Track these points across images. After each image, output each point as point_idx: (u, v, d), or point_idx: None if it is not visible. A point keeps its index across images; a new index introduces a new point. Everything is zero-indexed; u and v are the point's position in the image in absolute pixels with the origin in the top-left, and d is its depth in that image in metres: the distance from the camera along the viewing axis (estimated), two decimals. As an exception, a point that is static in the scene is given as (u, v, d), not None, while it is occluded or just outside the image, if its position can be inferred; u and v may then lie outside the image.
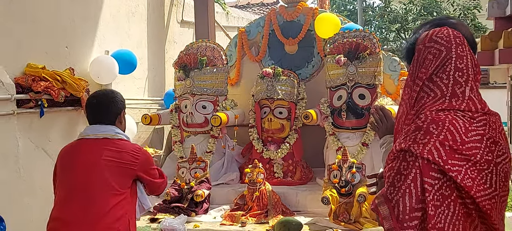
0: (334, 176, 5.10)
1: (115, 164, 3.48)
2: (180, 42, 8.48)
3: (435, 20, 2.47)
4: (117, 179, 3.46)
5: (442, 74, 2.09)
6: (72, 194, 3.45)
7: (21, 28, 5.06)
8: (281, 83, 6.09)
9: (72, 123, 5.76)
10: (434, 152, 1.93)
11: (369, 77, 5.71)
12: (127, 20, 7.05)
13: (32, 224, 5.11)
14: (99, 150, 3.50)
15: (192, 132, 6.32)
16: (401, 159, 2.00)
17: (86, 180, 3.43)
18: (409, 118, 2.11)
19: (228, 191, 5.87)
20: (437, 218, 1.91)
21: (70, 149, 3.69)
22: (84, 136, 3.64)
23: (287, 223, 4.66)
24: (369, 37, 5.82)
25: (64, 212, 3.43)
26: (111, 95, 3.76)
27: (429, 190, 1.91)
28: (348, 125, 5.76)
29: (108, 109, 3.67)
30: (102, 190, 3.40)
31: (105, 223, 3.34)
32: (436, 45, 2.14)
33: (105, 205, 3.37)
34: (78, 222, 3.35)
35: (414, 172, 1.94)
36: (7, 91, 4.71)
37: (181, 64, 6.35)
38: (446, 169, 1.91)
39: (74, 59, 5.82)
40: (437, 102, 2.06)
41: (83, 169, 3.47)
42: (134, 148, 3.62)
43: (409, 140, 2.00)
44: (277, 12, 6.93)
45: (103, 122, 3.64)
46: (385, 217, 1.99)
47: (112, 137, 3.58)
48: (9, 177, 4.79)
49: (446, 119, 1.99)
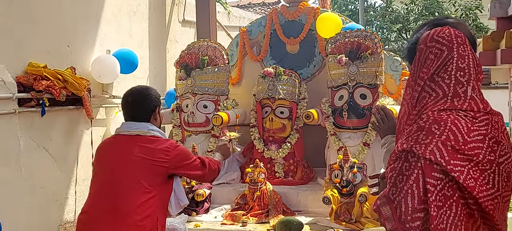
0: (335, 176, 5.10)
1: (145, 160, 3.47)
2: (182, 41, 8.48)
3: (434, 20, 2.47)
4: (146, 176, 3.45)
5: (444, 74, 2.09)
6: (102, 189, 3.48)
7: (23, 27, 5.06)
8: (283, 83, 6.09)
9: (73, 122, 5.76)
10: (436, 152, 1.93)
11: (370, 77, 5.71)
12: (129, 19, 7.05)
13: (33, 223, 5.12)
14: (131, 146, 3.51)
15: (193, 131, 6.32)
16: (403, 159, 1.99)
17: (116, 176, 3.45)
18: (411, 118, 2.11)
19: (229, 190, 5.87)
20: (439, 218, 1.90)
21: (106, 145, 3.74)
22: (119, 132, 3.67)
23: (288, 222, 4.66)
24: (371, 37, 5.82)
25: (93, 206, 3.46)
26: (145, 92, 3.75)
27: (432, 191, 1.91)
28: (350, 125, 5.75)
29: (142, 106, 3.68)
30: (131, 187, 3.41)
31: (132, 220, 3.34)
32: (438, 45, 2.13)
33: (133, 202, 3.37)
34: (105, 218, 3.36)
35: (416, 173, 1.94)
36: (8, 90, 4.71)
37: (182, 64, 6.35)
38: (449, 169, 1.91)
39: (75, 59, 5.82)
40: (439, 102, 2.05)
41: (114, 165, 3.50)
42: (167, 145, 3.60)
43: (411, 140, 1.99)
44: (279, 12, 6.93)
45: (138, 119, 3.65)
46: (387, 217, 1.99)
47: (144, 133, 3.58)
48: (10, 176, 4.79)
49: (448, 119, 1.99)
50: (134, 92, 3.75)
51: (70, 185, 5.71)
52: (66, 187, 5.64)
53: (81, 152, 5.90)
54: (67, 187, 5.66)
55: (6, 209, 4.69)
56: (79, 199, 5.82)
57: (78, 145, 5.86)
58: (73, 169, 5.76)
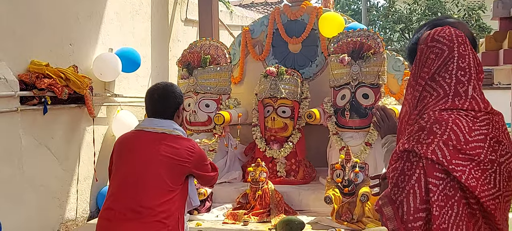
0: (337, 175, 5.09)
1: (170, 160, 3.46)
2: (184, 40, 8.49)
3: (435, 20, 2.46)
4: (171, 175, 3.44)
5: (445, 73, 2.08)
6: (125, 186, 3.44)
7: (25, 25, 5.07)
8: (285, 82, 6.08)
9: (75, 120, 5.77)
10: (438, 152, 1.92)
11: (373, 77, 5.70)
12: (131, 18, 7.06)
13: (34, 222, 5.13)
14: (157, 145, 3.49)
15: (195, 130, 6.31)
16: (405, 159, 1.98)
17: (141, 173, 3.42)
18: (412, 117, 2.10)
19: (231, 189, 5.87)
20: (441, 218, 1.89)
21: (128, 140, 3.67)
22: (143, 128, 3.63)
23: (290, 222, 4.65)
24: (373, 36, 5.81)
25: (116, 203, 3.42)
26: (171, 88, 3.71)
27: (434, 191, 1.90)
28: (352, 125, 5.74)
29: (168, 103, 3.65)
30: (155, 185, 3.39)
31: (156, 218, 3.33)
32: (438, 45, 2.13)
33: (157, 200, 3.36)
34: (130, 215, 3.33)
35: (418, 172, 1.93)
36: (10, 88, 4.72)
37: (184, 63, 6.36)
38: (450, 169, 1.90)
39: (77, 57, 5.83)
40: (440, 101, 2.05)
41: (139, 162, 3.47)
42: (189, 145, 3.58)
43: (413, 140, 1.99)
44: (281, 11, 6.92)
45: (162, 116, 3.62)
46: (389, 218, 1.98)
47: (170, 132, 3.55)
48: (12, 174, 4.81)
49: (450, 119, 1.98)
50: (159, 89, 3.71)
51: (72, 184, 5.72)
52: (67, 186, 5.65)
53: (83, 151, 5.91)
54: (69, 186, 5.67)
55: (7, 207, 4.71)
56: (81, 197, 5.84)
57: (80, 143, 5.87)
58: (74, 168, 5.77)
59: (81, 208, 5.86)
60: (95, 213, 6.04)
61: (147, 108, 3.73)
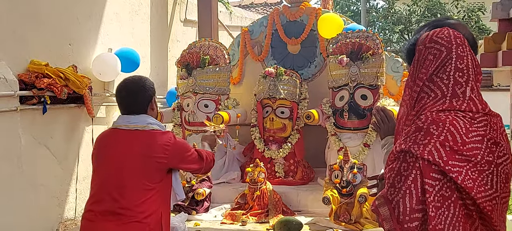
0: (335, 176, 5.09)
1: (146, 158, 3.38)
2: (183, 41, 8.50)
3: (434, 21, 2.47)
4: (148, 173, 3.37)
5: (443, 74, 2.09)
6: (104, 187, 3.37)
7: (25, 25, 5.08)
8: (284, 83, 6.09)
9: (74, 120, 5.78)
10: (435, 152, 1.93)
11: (371, 78, 5.71)
12: (131, 19, 7.07)
13: (34, 221, 5.14)
14: (130, 143, 3.41)
15: (194, 131, 6.31)
16: (402, 160, 1.99)
17: (117, 174, 3.35)
18: (409, 118, 2.11)
19: (229, 190, 5.87)
20: (437, 219, 1.90)
21: (104, 139, 3.60)
22: (117, 125, 3.53)
23: (288, 222, 4.66)
24: (372, 37, 5.82)
25: (96, 205, 3.36)
26: (139, 83, 3.59)
27: (430, 191, 1.91)
28: (350, 126, 5.75)
29: (138, 98, 3.52)
30: (132, 186, 3.33)
31: (136, 219, 3.28)
32: (437, 46, 2.13)
33: (135, 200, 3.30)
34: (109, 217, 3.29)
35: (415, 173, 1.94)
36: (10, 88, 4.73)
37: (183, 63, 6.36)
38: (447, 170, 1.91)
39: (77, 57, 5.84)
40: (438, 102, 2.06)
41: (114, 162, 3.39)
42: (165, 139, 3.47)
43: (410, 140, 1.99)
44: (280, 12, 6.92)
45: (135, 111, 3.51)
46: (386, 218, 1.99)
47: (143, 128, 3.45)
48: (12, 173, 4.81)
49: (447, 120, 1.99)
50: (127, 85, 3.59)
51: (71, 183, 5.73)
52: (66, 185, 5.66)
53: (82, 150, 5.92)
54: (68, 185, 5.68)
55: (7, 206, 4.71)
56: (80, 197, 5.84)
57: (79, 143, 5.88)
58: (74, 167, 5.77)
59: (80, 207, 5.85)
60: (84, 208, 6.06)
61: (119, 105, 3.61)
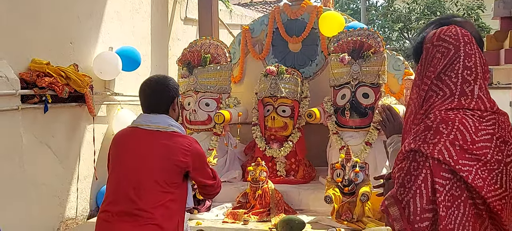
0: (337, 175, 5.09)
1: (165, 159, 3.30)
2: (184, 39, 8.48)
3: (440, 19, 2.45)
4: (166, 175, 3.29)
5: (451, 72, 2.07)
6: (121, 188, 3.30)
7: (26, 24, 5.06)
8: (285, 82, 6.08)
9: (75, 119, 5.76)
10: (445, 151, 1.91)
11: (373, 76, 5.71)
12: (131, 17, 7.05)
13: (35, 220, 5.12)
14: (151, 144, 3.34)
15: (195, 129, 6.31)
16: (411, 159, 1.97)
17: (136, 175, 3.27)
18: (418, 117, 2.09)
19: (231, 188, 5.86)
20: (448, 219, 1.88)
21: (123, 138, 3.52)
22: (138, 124, 3.46)
23: (290, 221, 4.66)
24: (374, 36, 5.82)
25: (113, 206, 3.28)
26: (164, 82, 3.52)
27: (440, 191, 1.89)
28: (352, 124, 5.75)
29: (161, 97, 3.46)
30: (150, 187, 3.25)
31: (153, 222, 3.19)
32: (445, 44, 2.12)
33: (153, 202, 3.22)
34: (127, 218, 3.21)
35: (425, 172, 1.92)
36: (11, 87, 4.71)
37: (184, 62, 6.35)
38: (457, 169, 1.89)
39: (78, 55, 5.82)
40: (446, 101, 2.04)
41: (133, 163, 3.32)
42: (186, 142, 3.39)
43: (419, 140, 1.97)
44: (281, 10, 6.92)
45: (157, 111, 3.45)
46: (396, 218, 1.97)
47: (164, 129, 3.38)
48: (13, 172, 4.80)
49: (456, 118, 1.97)
50: (152, 83, 3.53)
51: (72, 182, 5.71)
52: (68, 184, 5.64)
53: (83, 149, 5.90)
54: (69, 184, 5.67)
55: (8, 205, 4.70)
56: (81, 196, 5.83)
57: (80, 142, 5.86)
58: (75, 166, 5.76)
59: (81, 206, 5.85)
60: (95, 212, 6.03)
61: (141, 104, 3.56)
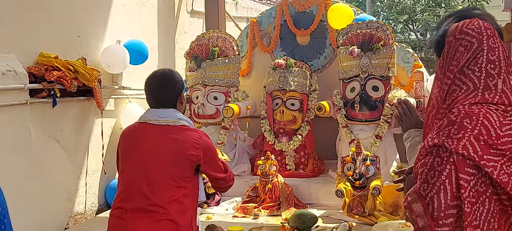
0: (348, 169, 5.04)
1: (176, 153, 3.30)
2: (190, 32, 8.45)
3: (460, 12, 2.42)
4: (178, 169, 3.29)
5: (474, 66, 2.03)
6: (134, 184, 3.29)
7: (33, 17, 5.04)
8: (294, 75, 6.04)
9: (84, 113, 5.75)
10: (469, 147, 1.88)
11: (382, 69, 5.65)
12: (138, 10, 7.02)
13: (43, 215, 5.11)
14: (161, 139, 3.33)
15: (203, 123, 6.28)
16: (435, 154, 1.94)
17: (148, 170, 3.27)
18: (440, 112, 2.06)
19: (240, 183, 5.80)
20: (473, 215, 1.85)
21: (132, 133, 3.51)
22: (146, 120, 3.45)
23: (302, 216, 4.62)
24: (383, 28, 5.77)
25: (126, 202, 3.27)
26: (170, 75, 3.53)
27: (465, 187, 1.86)
28: (361, 117, 5.70)
29: (168, 91, 3.46)
30: (163, 182, 3.25)
31: (168, 217, 3.20)
32: (467, 37, 2.08)
33: (167, 197, 3.22)
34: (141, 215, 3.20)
35: (449, 168, 1.88)
36: (20, 81, 4.69)
37: (192, 55, 6.31)
38: (482, 164, 1.86)
39: (85, 49, 5.80)
40: (470, 95, 2.00)
41: (144, 158, 3.31)
42: (196, 135, 3.39)
43: (443, 135, 1.94)
44: (289, 3, 6.86)
45: (164, 105, 3.45)
46: (419, 214, 1.93)
47: (173, 123, 3.38)
48: (22, 167, 4.79)
49: (480, 113, 1.94)
50: (158, 77, 3.53)
51: (81, 177, 5.70)
52: (76, 179, 5.63)
53: (92, 144, 5.89)
54: (78, 179, 5.66)
55: (16, 200, 4.66)
56: (89, 190, 5.82)
57: (88, 136, 5.85)
58: (83, 161, 5.75)
59: (90, 201, 5.83)
60: (104, 207, 6.02)
61: (147, 99, 3.56)
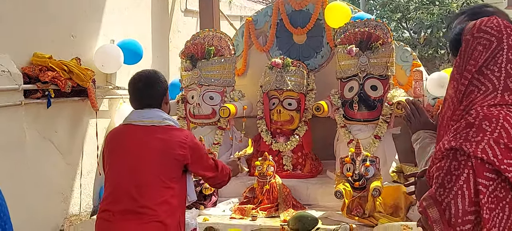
0: (347, 169, 4.98)
1: (163, 154, 3.28)
2: (184, 31, 8.39)
3: (472, 9, 2.35)
4: (166, 170, 3.27)
5: (493, 66, 1.95)
6: (120, 185, 3.26)
7: (27, 17, 4.97)
8: (291, 74, 5.97)
9: (78, 114, 5.69)
10: (489, 150, 1.79)
11: (381, 68, 5.59)
12: (132, 9, 6.94)
13: (38, 216, 5.05)
14: (147, 139, 3.30)
15: (199, 123, 6.21)
16: (451, 158, 1.85)
17: (135, 171, 3.24)
18: (457, 113, 1.97)
19: (236, 183, 5.73)
20: (492, 221, 1.77)
21: (117, 135, 3.49)
22: (131, 122, 3.42)
23: (303, 218, 4.56)
24: (381, 26, 5.71)
25: (114, 204, 3.24)
26: (155, 76, 3.50)
27: (484, 192, 1.77)
28: (360, 117, 5.64)
29: (154, 92, 3.44)
30: (151, 183, 3.22)
31: (157, 219, 3.17)
32: (486, 36, 1.99)
33: (155, 199, 3.19)
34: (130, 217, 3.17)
35: (467, 172, 1.80)
36: (14, 82, 4.62)
37: (188, 54, 6.22)
38: (502, 169, 1.77)
39: (80, 49, 5.72)
40: (489, 96, 1.91)
41: (131, 159, 3.28)
42: (182, 135, 3.38)
43: (460, 137, 1.85)
44: (285, 1, 6.78)
45: (150, 106, 3.42)
46: (435, 220, 1.85)
47: (159, 123, 3.36)
48: (17, 168, 4.73)
49: (500, 115, 1.85)
50: (142, 78, 3.48)
51: (76, 178, 5.64)
52: (71, 180, 5.58)
53: (86, 144, 5.84)
54: (72, 180, 5.60)
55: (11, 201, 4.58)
56: (84, 191, 5.75)
57: (83, 137, 5.79)
58: (78, 162, 5.69)
59: (84, 202, 5.77)
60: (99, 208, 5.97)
61: (132, 100, 3.52)
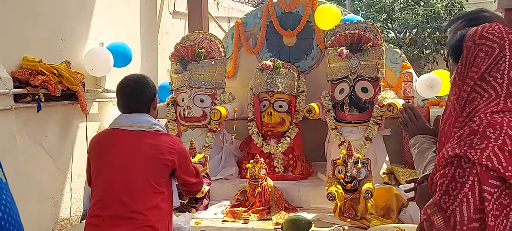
0: (339, 172, 4.98)
1: (153, 159, 3.25)
2: (173, 33, 8.35)
3: (469, 14, 2.35)
4: (155, 175, 3.24)
5: (496, 73, 1.94)
6: (111, 191, 3.21)
7: (17, 21, 4.92)
8: (281, 76, 5.97)
9: (68, 117, 5.65)
10: (493, 158, 1.79)
11: (372, 70, 5.62)
12: (121, 12, 6.90)
13: (29, 221, 4.98)
14: (136, 144, 3.27)
15: (190, 126, 6.20)
16: (456, 165, 1.85)
17: (125, 176, 3.20)
18: (460, 120, 1.96)
19: (228, 186, 5.75)
20: (496, 229, 1.78)
21: (105, 140, 3.43)
22: (119, 126, 3.37)
23: (297, 221, 4.54)
24: (371, 29, 5.73)
25: (104, 210, 3.19)
26: (144, 80, 3.46)
27: (489, 199, 1.77)
28: (351, 119, 5.66)
29: (143, 96, 3.40)
30: (141, 188, 3.20)
31: (148, 223, 3.15)
32: (488, 42, 1.99)
33: (146, 203, 3.17)
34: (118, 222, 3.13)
35: (472, 180, 1.79)
36: (4, 86, 4.57)
37: (178, 57, 6.21)
38: (507, 176, 1.77)
39: (69, 52, 5.68)
40: (491, 103, 1.91)
41: (121, 164, 3.24)
42: (170, 141, 3.36)
43: (464, 145, 1.85)
44: (275, 3, 6.79)
45: (138, 110, 3.38)
46: (440, 228, 1.84)
47: (148, 128, 3.33)
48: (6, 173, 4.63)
49: (503, 122, 1.85)
50: (131, 82, 3.44)
51: (66, 182, 5.60)
52: (61, 184, 5.53)
53: (76, 148, 5.79)
54: (63, 184, 5.56)
55: (2, 207, 4.56)
56: (74, 195, 5.71)
57: (73, 140, 5.74)
58: (68, 166, 5.64)
59: (74, 206, 5.72)
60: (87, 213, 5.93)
61: (120, 104, 3.47)
